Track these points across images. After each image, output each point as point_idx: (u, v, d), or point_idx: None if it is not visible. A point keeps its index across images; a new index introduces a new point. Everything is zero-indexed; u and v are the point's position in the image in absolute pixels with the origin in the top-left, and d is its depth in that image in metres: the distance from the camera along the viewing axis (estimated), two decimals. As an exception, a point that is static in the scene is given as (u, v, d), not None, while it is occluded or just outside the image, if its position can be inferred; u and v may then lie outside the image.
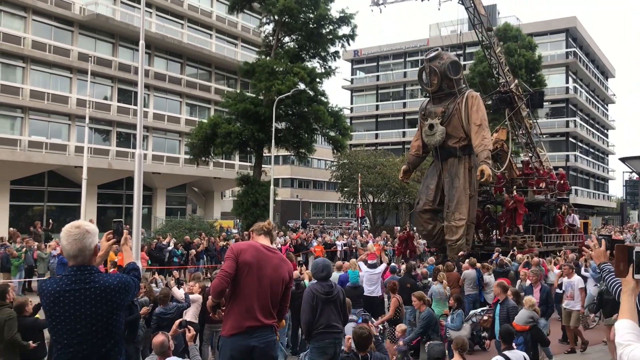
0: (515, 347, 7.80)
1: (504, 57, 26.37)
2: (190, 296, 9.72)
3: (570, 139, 56.59)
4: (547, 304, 11.17)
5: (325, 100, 32.33)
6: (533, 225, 24.35)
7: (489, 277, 13.79)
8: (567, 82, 55.89)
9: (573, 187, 55.83)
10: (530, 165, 25.79)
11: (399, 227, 39.94)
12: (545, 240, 24.12)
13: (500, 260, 15.86)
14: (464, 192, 20.37)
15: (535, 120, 28.19)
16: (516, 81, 26.69)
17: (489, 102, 27.69)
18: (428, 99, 22.39)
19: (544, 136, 56.78)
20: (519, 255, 17.35)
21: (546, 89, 44.58)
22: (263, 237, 4.95)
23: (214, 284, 4.66)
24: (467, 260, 15.60)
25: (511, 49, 40.48)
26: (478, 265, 14.39)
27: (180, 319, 7.12)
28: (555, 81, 54.46)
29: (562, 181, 26.78)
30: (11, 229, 25.15)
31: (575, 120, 56.56)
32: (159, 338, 6.16)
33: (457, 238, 20.13)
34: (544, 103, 51.42)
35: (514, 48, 40.53)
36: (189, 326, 6.55)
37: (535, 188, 24.58)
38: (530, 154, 26.98)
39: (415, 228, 27.23)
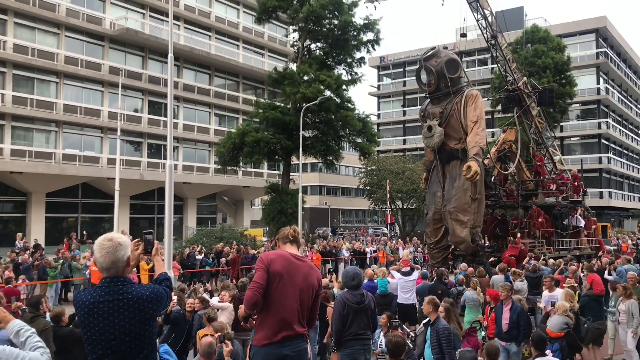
0: (550, 354, 7.66)
1: (510, 54, 25.56)
2: (221, 304, 9.79)
3: (603, 140, 55.47)
4: (519, 327, 9.21)
5: (352, 106, 32.36)
6: (543, 230, 22.99)
7: (521, 284, 13.54)
8: (598, 83, 54.86)
9: (607, 190, 54.69)
10: (537, 161, 24.73)
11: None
12: (557, 245, 22.81)
13: (534, 265, 15.58)
14: (464, 193, 19.30)
15: (545, 123, 27.07)
16: (524, 79, 25.86)
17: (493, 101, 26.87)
18: (428, 99, 21.50)
19: (571, 139, 56.01)
20: (551, 260, 17.02)
21: (577, 90, 43.85)
22: (289, 245, 4.94)
23: (247, 295, 4.66)
24: (498, 265, 15.42)
25: (539, 51, 39.94)
26: (516, 270, 14.17)
27: (219, 333, 7.19)
28: (585, 82, 53.49)
29: (575, 183, 25.40)
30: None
31: (607, 122, 55.44)
32: (208, 339, 6.25)
33: (459, 241, 19.19)
34: (574, 104, 50.74)
35: (542, 50, 39.95)
36: (226, 341, 6.62)
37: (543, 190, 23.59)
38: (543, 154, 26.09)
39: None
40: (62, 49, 31.80)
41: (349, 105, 32.15)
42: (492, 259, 18.38)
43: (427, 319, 8.05)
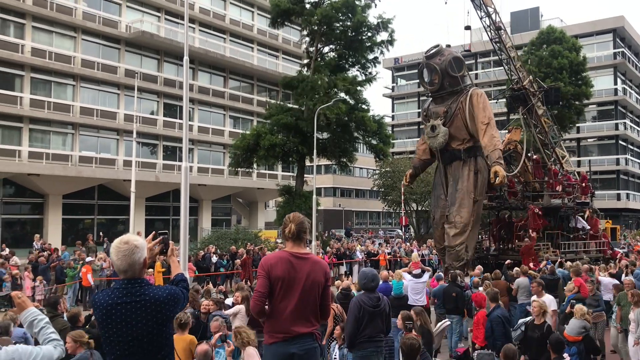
0: (568, 357, 7.60)
1: (515, 52, 25.13)
2: (232, 310, 9.77)
3: (620, 141, 54.86)
4: (494, 336, 8.87)
5: (367, 107, 32.25)
6: (549, 232, 22.49)
7: (537, 286, 13.44)
8: (615, 83, 54.28)
9: (624, 192, 54.06)
10: (539, 163, 24.10)
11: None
12: (563, 248, 22.12)
13: (551, 268, 15.44)
14: (468, 195, 18.84)
15: (551, 122, 26.52)
16: (530, 77, 25.36)
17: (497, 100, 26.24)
18: (430, 99, 21.01)
19: (592, 140, 55.42)
20: (568, 263, 16.86)
21: (593, 91, 43.44)
22: (291, 244, 4.86)
23: (252, 305, 4.70)
24: (515, 268, 15.30)
25: (555, 51, 39.61)
26: (531, 272, 14.05)
27: (220, 333, 7.18)
28: (603, 83, 52.96)
29: (583, 184, 24.80)
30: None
31: (625, 123, 54.85)
32: (202, 347, 6.23)
33: (455, 244, 18.70)
34: (591, 105, 50.22)
35: (558, 50, 39.60)
36: (228, 340, 6.63)
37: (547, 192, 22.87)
38: (550, 154, 25.52)
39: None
40: (79, 52, 32.12)
41: (364, 106, 32.05)
42: (508, 261, 18.06)
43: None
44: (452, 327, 11.77)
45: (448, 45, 21.12)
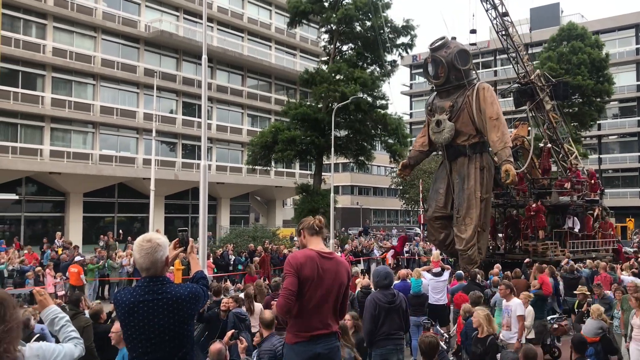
0: (586, 358, 7.55)
1: (522, 46, 24.57)
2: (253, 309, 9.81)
3: (643, 138, 54.06)
4: (468, 341, 8.54)
5: (387, 102, 32.06)
6: (557, 231, 21.89)
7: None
8: (637, 79, 53.44)
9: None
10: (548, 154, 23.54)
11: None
12: (572, 247, 21.40)
13: (571, 266, 15.30)
14: (475, 195, 18.36)
15: (559, 117, 25.79)
16: (538, 71, 24.74)
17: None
18: (434, 93, 20.44)
19: (613, 137, 54.65)
20: (589, 261, 16.68)
21: (615, 87, 42.82)
22: (315, 238, 4.84)
23: (279, 303, 4.65)
24: (534, 265, 15.16)
25: (576, 48, 39.10)
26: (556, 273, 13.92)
27: (233, 330, 7.20)
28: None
29: (592, 181, 23.96)
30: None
31: (648, 119, 54.00)
32: (216, 346, 6.25)
33: (466, 248, 18.22)
34: (613, 102, 49.48)
35: (578, 46, 39.06)
36: (241, 337, 6.65)
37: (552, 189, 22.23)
38: (557, 150, 24.85)
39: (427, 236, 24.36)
40: (99, 52, 32.47)
41: (383, 102, 31.83)
42: (527, 260, 17.83)
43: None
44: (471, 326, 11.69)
45: (454, 38, 20.62)
